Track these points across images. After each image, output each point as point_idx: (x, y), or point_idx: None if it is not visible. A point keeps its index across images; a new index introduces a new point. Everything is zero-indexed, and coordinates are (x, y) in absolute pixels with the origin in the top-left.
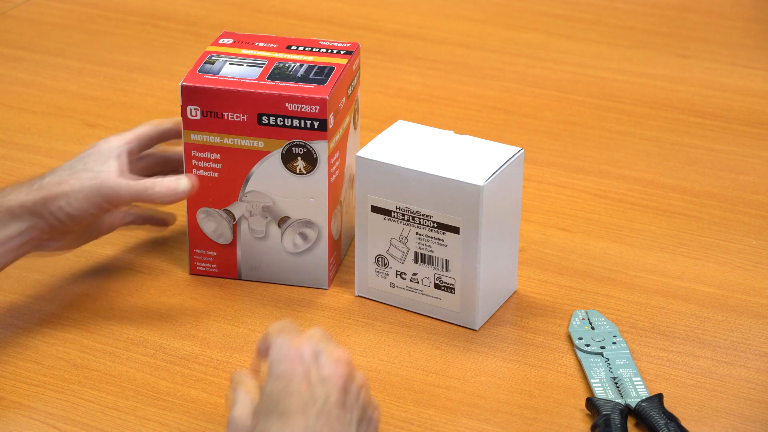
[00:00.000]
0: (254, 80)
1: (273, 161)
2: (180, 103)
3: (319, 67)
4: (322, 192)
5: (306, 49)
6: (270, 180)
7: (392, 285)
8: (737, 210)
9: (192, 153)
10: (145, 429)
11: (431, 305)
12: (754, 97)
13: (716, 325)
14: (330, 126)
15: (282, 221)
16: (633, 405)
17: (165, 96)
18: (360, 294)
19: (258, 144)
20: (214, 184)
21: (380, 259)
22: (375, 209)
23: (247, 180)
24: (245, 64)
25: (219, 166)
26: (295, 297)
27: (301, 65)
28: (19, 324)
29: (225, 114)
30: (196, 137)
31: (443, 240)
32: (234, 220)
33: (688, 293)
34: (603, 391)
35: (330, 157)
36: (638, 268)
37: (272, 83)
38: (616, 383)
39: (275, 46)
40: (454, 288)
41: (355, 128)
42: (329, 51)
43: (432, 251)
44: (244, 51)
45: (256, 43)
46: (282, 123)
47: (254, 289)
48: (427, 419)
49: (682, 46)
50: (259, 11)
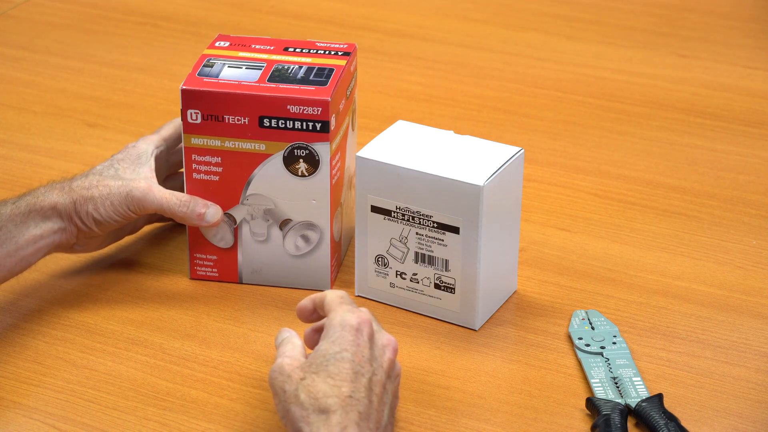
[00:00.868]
0: (254, 83)
1: (274, 164)
2: (180, 107)
3: (319, 69)
4: (325, 194)
5: (303, 51)
6: (271, 183)
7: (392, 285)
8: (737, 210)
9: (192, 157)
10: (145, 429)
11: (431, 305)
12: (754, 97)
13: (716, 325)
14: (332, 128)
15: (284, 224)
16: (633, 405)
17: (165, 96)
18: (360, 294)
19: (259, 147)
20: (215, 188)
21: (380, 259)
22: (375, 209)
23: (249, 183)
24: (244, 67)
25: (220, 170)
26: (296, 297)
27: (301, 67)
28: (19, 324)
29: (226, 117)
30: (197, 141)
31: (443, 240)
32: (235, 224)
33: (688, 293)
34: (603, 391)
35: (332, 159)
36: (638, 268)
37: (273, 85)
38: (616, 383)
39: (272, 48)
40: (454, 288)
41: (353, 129)
42: (327, 52)
43: (432, 251)
44: (242, 54)
45: (253, 46)
46: (284, 125)
47: (255, 290)
48: (427, 419)
49: (682, 46)
50: (259, 11)
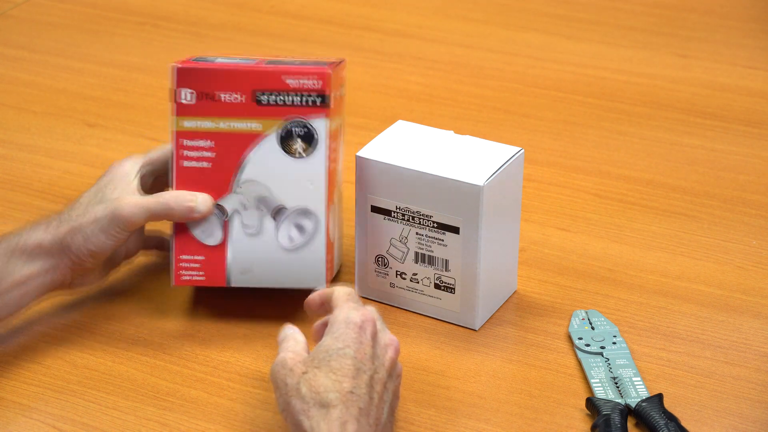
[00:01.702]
0: (251, 65)
1: (270, 144)
2: (172, 87)
3: (314, 61)
4: (320, 175)
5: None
6: (266, 166)
7: (392, 285)
8: (737, 210)
9: (182, 142)
10: (145, 429)
11: (431, 305)
12: (754, 97)
13: (716, 325)
14: (332, 103)
15: (277, 213)
16: (633, 405)
17: (165, 96)
18: (360, 294)
19: (255, 126)
20: (206, 176)
21: (380, 259)
22: (375, 209)
23: (242, 169)
24: (238, 58)
25: (212, 155)
26: (296, 297)
27: (296, 59)
28: (19, 324)
29: (221, 96)
30: (189, 124)
31: (443, 240)
32: (225, 216)
33: (688, 293)
34: (603, 391)
35: (329, 138)
36: (638, 268)
37: (270, 65)
38: (616, 383)
39: (255, 62)
40: (454, 288)
41: (342, 138)
42: (317, 63)
43: (432, 251)
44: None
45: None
46: (282, 101)
47: (255, 290)
48: (427, 419)
49: (682, 46)
50: (259, 11)
